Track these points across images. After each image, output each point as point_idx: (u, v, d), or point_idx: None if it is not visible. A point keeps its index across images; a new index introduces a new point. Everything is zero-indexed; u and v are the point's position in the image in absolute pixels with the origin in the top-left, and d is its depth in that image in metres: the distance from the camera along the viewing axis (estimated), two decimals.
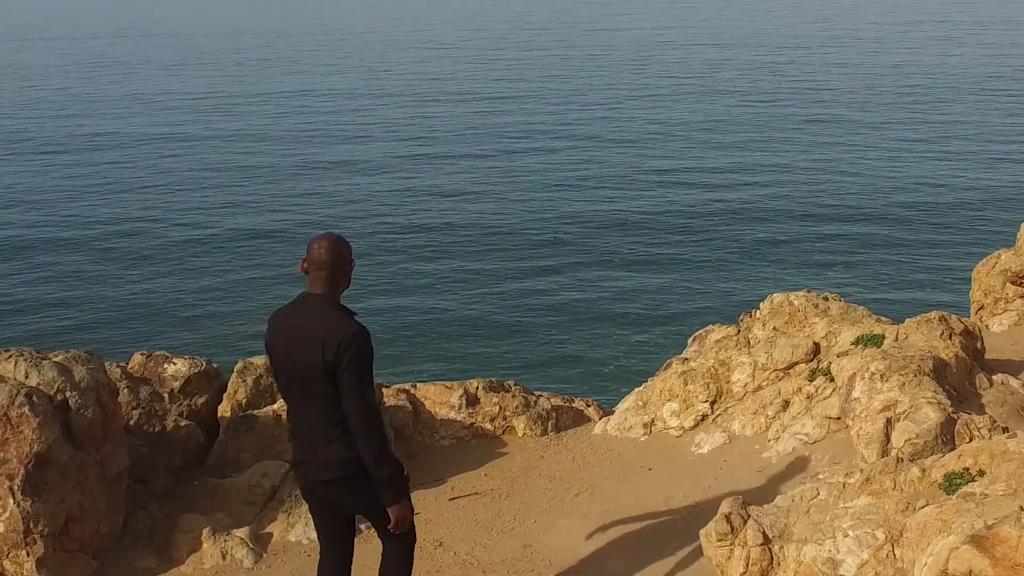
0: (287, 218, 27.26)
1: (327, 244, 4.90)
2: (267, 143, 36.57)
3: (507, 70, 54.67)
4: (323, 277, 4.88)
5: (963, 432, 6.44)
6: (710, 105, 42.65)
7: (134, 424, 7.67)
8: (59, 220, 27.51)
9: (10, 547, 6.22)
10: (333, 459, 4.88)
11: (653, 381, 8.76)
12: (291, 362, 4.87)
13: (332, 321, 4.80)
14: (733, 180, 30.04)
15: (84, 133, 39.73)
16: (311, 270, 4.91)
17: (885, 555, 5.27)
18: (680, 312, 19.83)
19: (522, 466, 7.99)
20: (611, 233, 25.16)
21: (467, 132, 37.45)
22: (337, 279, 4.92)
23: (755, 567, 5.83)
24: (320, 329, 4.77)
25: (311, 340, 4.77)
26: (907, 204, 27.06)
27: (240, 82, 52.96)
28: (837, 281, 20.55)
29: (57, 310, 20.80)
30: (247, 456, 7.59)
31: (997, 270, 10.66)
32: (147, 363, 8.27)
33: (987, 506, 4.88)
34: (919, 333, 7.70)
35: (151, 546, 6.85)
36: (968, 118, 38.17)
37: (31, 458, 6.26)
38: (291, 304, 5.03)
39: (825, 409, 7.35)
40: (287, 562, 6.76)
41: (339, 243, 4.93)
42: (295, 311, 4.96)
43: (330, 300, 4.88)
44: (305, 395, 4.88)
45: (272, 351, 5.02)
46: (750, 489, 6.82)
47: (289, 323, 4.94)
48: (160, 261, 23.89)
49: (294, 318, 4.93)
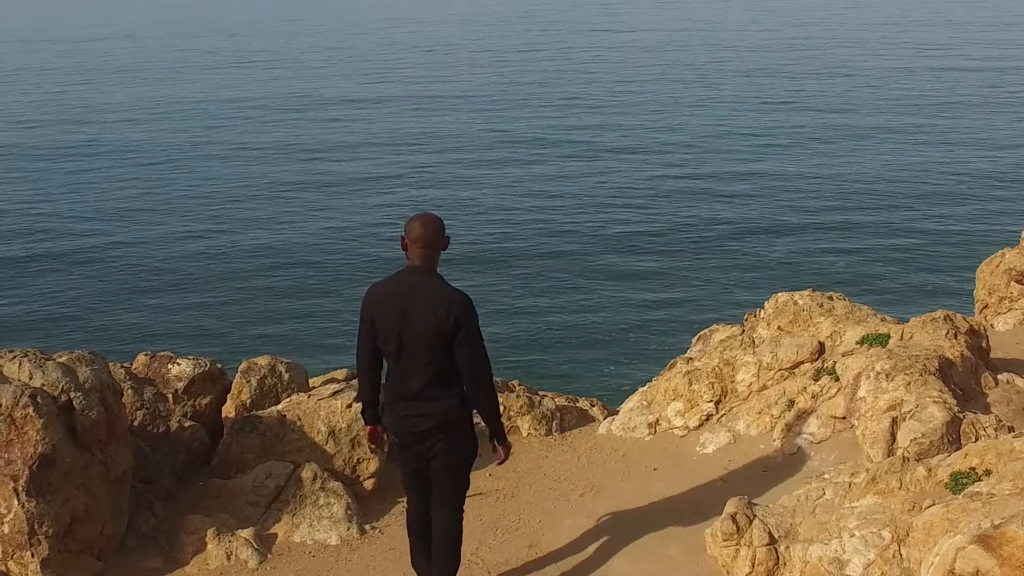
0: (289, 219, 27.25)
1: (426, 222, 5.49)
2: (272, 152, 36.65)
3: (498, 73, 54.66)
4: (423, 251, 5.44)
5: (969, 431, 6.43)
6: (712, 106, 42.62)
7: (138, 425, 7.67)
8: (61, 221, 27.51)
9: (15, 548, 6.21)
10: (435, 412, 5.48)
11: (657, 381, 8.75)
12: (405, 327, 5.39)
13: (445, 289, 5.44)
14: (735, 180, 30.00)
15: (86, 134, 39.75)
16: (411, 246, 5.46)
17: (891, 555, 5.26)
18: (684, 312, 19.80)
19: (527, 466, 7.98)
20: (613, 234, 25.13)
21: (467, 140, 37.41)
22: (435, 253, 5.50)
23: (761, 567, 5.83)
24: (435, 297, 5.38)
25: (427, 307, 5.35)
26: (910, 204, 27.02)
27: (243, 86, 52.98)
28: (841, 280, 20.52)
29: (61, 311, 20.82)
30: (251, 457, 7.58)
31: (1001, 269, 10.65)
32: (151, 364, 8.26)
33: (994, 505, 4.87)
34: (924, 332, 7.69)
35: (155, 547, 6.84)
36: (970, 118, 38.12)
37: (35, 459, 6.25)
38: (392, 277, 5.55)
39: (830, 409, 7.34)
40: (292, 563, 6.75)
41: (436, 221, 5.52)
42: (401, 283, 5.48)
43: (432, 271, 5.49)
44: (415, 357, 5.42)
45: (380, 319, 5.48)
46: (755, 489, 6.81)
47: (399, 293, 5.44)
48: (163, 262, 23.88)
49: (403, 289, 5.45)
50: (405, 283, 5.47)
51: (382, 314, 5.48)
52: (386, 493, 7.58)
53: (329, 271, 22.89)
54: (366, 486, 7.53)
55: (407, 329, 5.39)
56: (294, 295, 21.52)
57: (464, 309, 5.38)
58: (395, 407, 5.59)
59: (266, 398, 8.24)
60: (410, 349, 5.42)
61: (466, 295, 5.47)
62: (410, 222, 5.51)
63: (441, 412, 5.50)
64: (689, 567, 6.30)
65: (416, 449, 5.64)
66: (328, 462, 7.47)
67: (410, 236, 5.47)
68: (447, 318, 5.33)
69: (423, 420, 5.52)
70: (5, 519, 6.21)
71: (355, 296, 21.29)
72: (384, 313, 5.47)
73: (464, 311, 5.37)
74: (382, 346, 5.57)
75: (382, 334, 5.51)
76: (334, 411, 7.64)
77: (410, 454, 5.70)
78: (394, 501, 7.51)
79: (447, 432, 5.56)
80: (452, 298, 5.40)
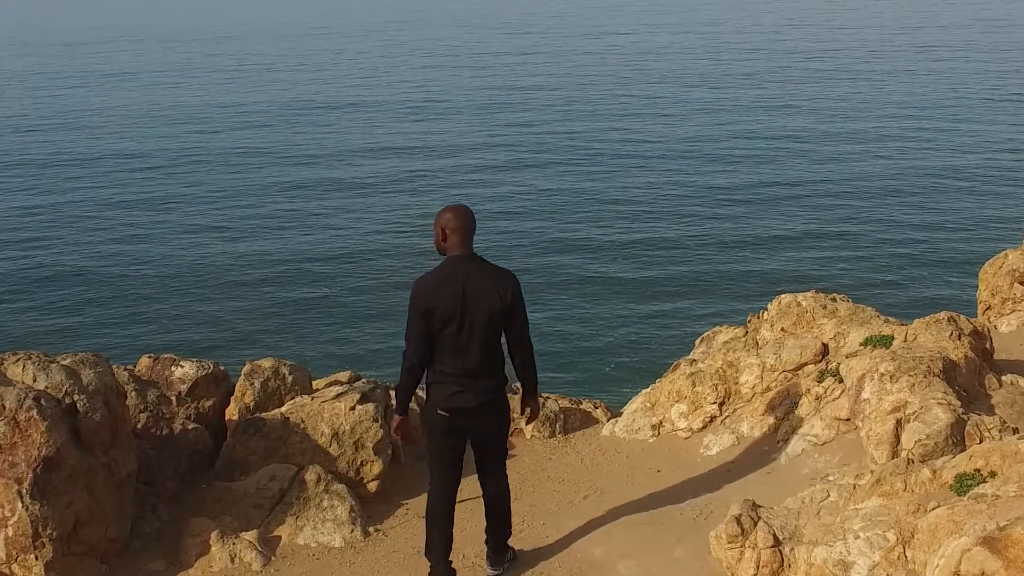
0: (290, 222, 27.26)
1: (461, 211, 5.92)
2: (273, 155, 36.68)
3: (494, 77, 54.67)
4: (464, 239, 5.87)
5: (973, 433, 6.42)
6: (714, 106, 42.62)
7: (142, 427, 7.67)
8: (65, 222, 27.54)
9: (19, 551, 6.22)
10: (487, 388, 5.98)
11: (661, 383, 8.75)
12: (467, 310, 5.79)
13: (496, 271, 5.94)
14: (737, 181, 30.00)
15: (89, 137, 39.79)
16: (451, 235, 5.85)
17: (896, 557, 5.25)
18: (688, 314, 19.80)
19: (530, 468, 7.98)
20: (615, 236, 25.14)
21: (465, 147, 37.40)
22: (470, 239, 5.91)
23: (765, 569, 5.82)
24: (492, 278, 5.87)
25: (488, 288, 5.82)
26: (913, 205, 27.01)
27: (245, 90, 53.02)
28: (845, 281, 20.50)
29: (65, 313, 20.83)
30: (255, 459, 7.58)
31: (1004, 270, 10.64)
32: (155, 366, 8.27)
33: (999, 507, 4.86)
34: (928, 334, 7.68)
35: (159, 549, 6.85)
36: (974, 117, 38.10)
37: (39, 462, 6.25)
38: (440, 268, 5.89)
39: (834, 410, 7.33)
40: (296, 565, 6.75)
41: (468, 209, 5.97)
42: (454, 271, 5.85)
43: (476, 256, 5.92)
44: (472, 338, 5.85)
45: (438, 308, 5.79)
46: (759, 491, 6.80)
47: (455, 281, 5.82)
48: (167, 264, 23.91)
49: (459, 276, 5.83)
50: (459, 271, 5.84)
51: (440, 303, 5.79)
52: (390, 495, 7.59)
53: (331, 273, 22.90)
54: (370, 488, 7.52)
55: (469, 312, 5.80)
56: (297, 297, 21.53)
57: (516, 288, 5.92)
58: (447, 386, 5.96)
59: (270, 400, 8.23)
60: (471, 330, 5.84)
61: (514, 274, 6.01)
62: (444, 214, 5.89)
63: (492, 388, 6.01)
64: (694, 569, 6.29)
65: (462, 424, 6.06)
66: (332, 464, 7.46)
67: (449, 226, 5.85)
68: (506, 295, 5.85)
69: (476, 396, 5.97)
70: (9, 522, 6.21)
71: (357, 297, 21.42)
72: (443, 301, 5.79)
73: (516, 289, 5.92)
74: (439, 331, 5.86)
75: (440, 321, 5.82)
76: (338, 413, 7.63)
77: (453, 432, 6.10)
78: (398, 503, 7.51)
79: (494, 406, 6.09)
80: (506, 277, 5.94)
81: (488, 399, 6.02)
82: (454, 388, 5.96)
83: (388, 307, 20.66)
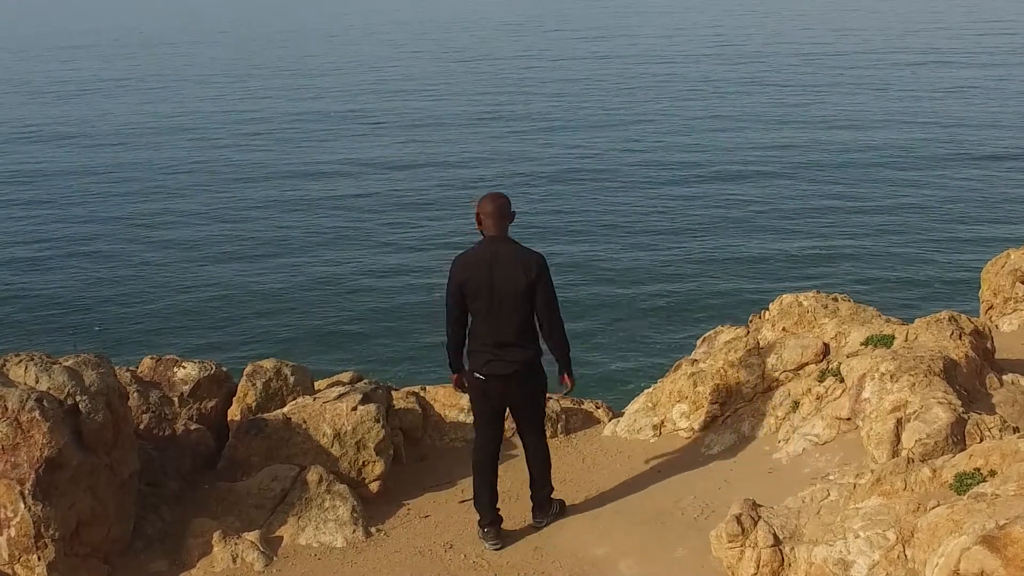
0: (292, 223, 27.28)
1: (494, 197, 6.62)
2: (283, 144, 36.72)
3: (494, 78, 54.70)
4: (497, 222, 6.55)
5: (974, 432, 6.42)
6: (717, 102, 42.61)
7: (144, 428, 7.69)
8: (67, 223, 27.58)
9: (21, 551, 6.23)
10: (518, 358, 6.60)
11: (662, 383, 8.76)
12: (494, 286, 6.47)
13: (523, 250, 6.56)
14: (741, 180, 29.99)
15: (94, 136, 39.84)
16: (486, 219, 6.56)
17: (896, 556, 5.26)
18: (689, 314, 19.79)
19: None
20: (617, 234, 25.14)
21: (473, 154, 37.42)
22: (506, 223, 6.59)
23: (766, 568, 5.83)
24: (516, 257, 6.50)
25: (512, 266, 6.47)
26: (915, 204, 27.00)
27: (248, 82, 53.07)
28: (846, 281, 20.50)
29: (67, 314, 20.85)
30: (257, 460, 7.59)
31: (1006, 270, 10.64)
32: (157, 367, 8.29)
33: (999, 506, 4.87)
34: (929, 333, 7.68)
35: (162, 550, 6.86)
36: (976, 117, 38.07)
37: (42, 462, 6.27)
38: (476, 247, 6.64)
39: (835, 410, 7.34)
40: (298, 565, 6.76)
41: (503, 196, 6.66)
42: (486, 250, 6.56)
43: (507, 238, 6.59)
44: (503, 312, 6.51)
45: (470, 281, 6.52)
46: (760, 490, 6.81)
47: (485, 259, 6.52)
48: (170, 264, 23.93)
49: (489, 255, 6.53)
50: (489, 250, 6.54)
51: (472, 277, 6.52)
52: (392, 496, 7.60)
53: (334, 274, 22.91)
54: (372, 488, 7.53)
55: (496, 287, 6.46)
56: (299, 298, 21.54)
57: (540, 265, 6.51)
58: (483, 353, 6.63)
59: (271, 401, 8.25)
60: (500, 304, 6.50)
61: (541, 254, 6.59)
62: (481, 200, 6.62)
63: (524, 358, 6.61)
64: (694, 568, 6.30)
65: (499, 389, 6.70)
66: (334, 465, 7.48)
67: (484, 211, 6.57)
68: (530, 272, 6.45)
69: (509, 364, 6.60)
70: (12, 522, 6.22)
71: (359, 298, 21.43)
72: (473, 276, 6.51)
73: (540, 267, 6.50)
74: (471, 304, 6.59)
75: (472, 294, 6.54)
76: (339, 414, 7.64)
77: (492, 394, 6.74)
78: (400, 503, 7.52)
79: (527, 373, 6.68)
80: (531, 257, 6.53)
81: (518, 369, 6.61)
82: (488, 356, 6.61)
83: (390, 308, 20.69)
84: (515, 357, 6.60)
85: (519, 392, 6.78)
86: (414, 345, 18.76)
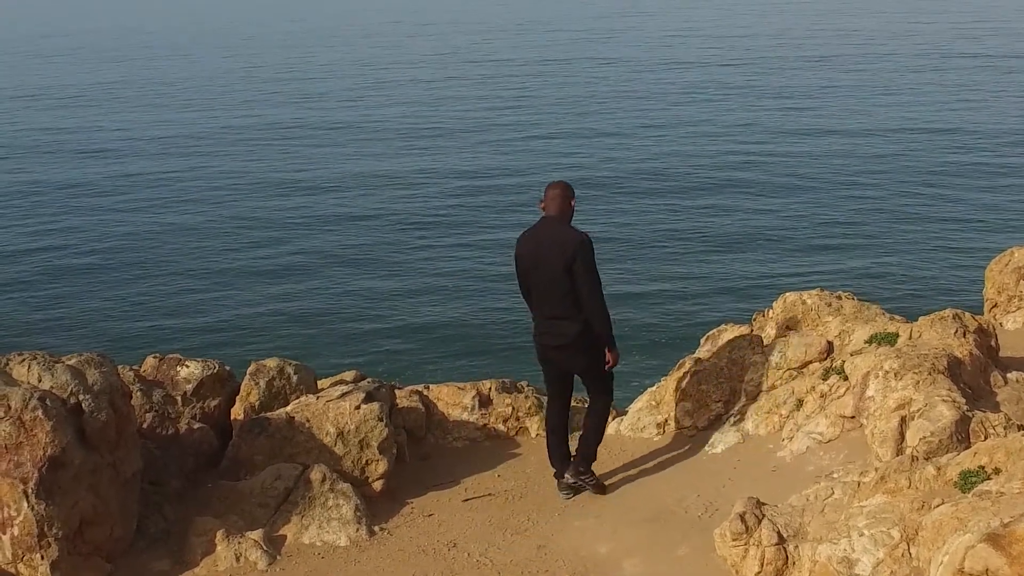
0: (295, 223, 27.29)
1: (553, 185, 7.24)
2: (285, 144, 36.73)
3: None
4: (553, 204, 7.13)
5: (978, 430, 6.41)
6: (717, 101, 42.59)
7: (147, 427, 7.69)
8: (69, 223, 27.59)
9: (24, 550, 6.23)
10: (567, 331, 7.10)
11: (666, 381, 8.74)
12: (538, 264, 7.05)
13: (566, 231, 7.06)
14: (742, 180, 29.96)
15: (95, 136, 39.86)
16: (547, 202, 7.16)
17: (901, 554, 5.24)
18: (693, 312, 19.78)
19: (536, 467, 7.97)
20: (617, 235, 25.10)
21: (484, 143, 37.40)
22: (564, 207, 7.14)
23: (770, 567, 5.82)
24: (560, 237, 7.02)
25: (554, 245, 7.00)
26: (918, 203, 26.96)
27: (252, 83, 53.08)
28: (850, 279, 20.46)
29: (70, 313, 20.87)
30: (260, 459, 7.59)
31: (1011, 268, 10.61)
32: (160, 366, 8.28)
33: (1003, 504, 4.85)
34: (933, 331, 7.66)
35: (165, 549, 6.86)
36: (978, 116, 38.01)
37: (45, 461, 6.27)
38: (533, 226, 7.23)
39: (839, 408, 7.32)
40: (301, 564, 6.76)
41: (563, 184, 7.27)
42: (537, 230, 7.17)
43: (561, 220, 7.12)
44: (550, 288, 7.04)
45: (522, 259, 7.20)
46: (764, 489, 6.79)
47: (534, 239, 7.14)
48: (172, 264, 23.94)
49: (538, 235, 7.14)
50: (539, 230, 7.15)
51: (523, 254, 7.18)
52: (395, 494, 7.59)
53: (336, 274, 22.92)
54: (375, 487, 7.52)
55: (541, 264, 7.04)
56: (302, 298, 21.54)
57: (579, 244, 6.96)
58: (540, 324, 7.28)
59: (275, 400, 8.24)
60: (545, 281, 7.05)
61: (584, 234, 7.05)
62: (546, 188, 7.26)
63: (571, 331, 7.08)
64: (698, 567, 6.29)
65: (556, 358, 7.30)
66: (337, 463, 7.47)
67: (548, 194, 7.20)
68: (568, 251, 6.91)
69: (558, 336, 7.15)
70: (15, 521, 6.22)
71: (362, 299, 21.42)
72: (524, 253, 7.18)
73: (579, 246, 6.95)
74: (525, 278, 7.22)
75: (524, 269, 7.19)
76: (343, 412, 7.64)
77: (551, 360, 7.36)
78: (403, 502, 7.52)
79: (579, 346, 7.15)
80: (571, 236, 7.00)
81: (566, 342, 7.12)
82: (542, 328, 7.27)
83: (391, 308, 20.69)
84: (562, 330, 7.08)
85: (573, 362, 7.28)
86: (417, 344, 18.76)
